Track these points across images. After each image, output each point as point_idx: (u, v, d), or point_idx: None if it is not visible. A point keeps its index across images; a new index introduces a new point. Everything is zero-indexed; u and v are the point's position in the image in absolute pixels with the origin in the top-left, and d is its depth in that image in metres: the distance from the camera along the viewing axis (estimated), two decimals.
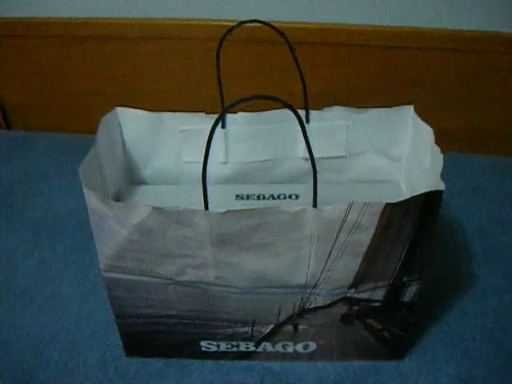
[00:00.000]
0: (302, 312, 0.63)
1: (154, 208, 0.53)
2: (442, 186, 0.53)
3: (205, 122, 0.67)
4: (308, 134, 0.66)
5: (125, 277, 0.60)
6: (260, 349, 0.68)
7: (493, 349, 0.71)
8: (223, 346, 0.68)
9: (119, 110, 0.68)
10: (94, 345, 0.72)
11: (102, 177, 0.63)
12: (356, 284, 0.59)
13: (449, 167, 0.57)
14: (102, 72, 1.13)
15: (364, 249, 0.56)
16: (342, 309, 0.62)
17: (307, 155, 0.69)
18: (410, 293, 0.61)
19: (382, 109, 0.67)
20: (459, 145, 1.08)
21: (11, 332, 0.74)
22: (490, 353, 0.70)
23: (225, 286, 0.59)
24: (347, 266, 0.57)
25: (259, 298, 0.61)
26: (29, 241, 0.89)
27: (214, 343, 0.67)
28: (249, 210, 0.52)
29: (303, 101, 0.66)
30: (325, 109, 0.67)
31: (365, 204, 0.52)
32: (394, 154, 0.70)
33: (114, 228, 0.56)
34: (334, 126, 0.68)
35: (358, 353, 0.68)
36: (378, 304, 0.62)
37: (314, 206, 0.53)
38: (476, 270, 0.83)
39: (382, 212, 0.53)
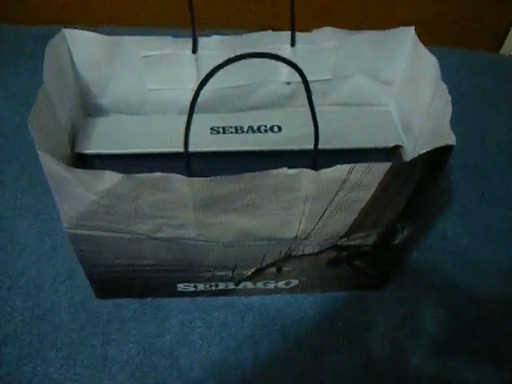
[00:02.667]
0: (288, 258, 0.59)
1: (124, 176, 0.45)
2: (452, 140, 0.47)
3: (171, 46, 0.56)
4: (292, 57, 0.58)
5: (92, 233, 0.54)
6: (240, 286, 0.64)
7: (472, 272, 0.70)
8: (201, 287, 0.64)
9: (67, 32, 0.56)
10: (59, 287, 0.67)
11: (54, 117, 0.53)
12: (348, 234, 0.55)
13: None
14: None
15: (361, 205, 0.51)
16: (331, 254, 0.59)
17: (290, 79, 0.62)
18: (402, 237, 0.58)
19: (377, 31, 0.58)
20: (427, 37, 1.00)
21: None
22: (469, 277, 0.70)
23: (207, 241, 0.54)
24: (342, 221, 0.53)
25: (243, 249, 0.56)
26: None
27: (192, 285, 0.63)
28: (237, 176, 0.45)
29: (290, 20, 0.56)
30: (314, 30, 0.58)
31: (368, 166, 0.46)
32: (385, 77, 0.62)
33: (78, 192, 0.48)
34: (321, 48, 0.59)
35: (340, 286, 0.66)
36: (368, 248, 0.59)
37: (313, 168, 0.46)
38: (454, 185, 0.80)
39: (386, 172, 0.47)
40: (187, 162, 0.46)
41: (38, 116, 0.47)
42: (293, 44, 0.58)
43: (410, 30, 0.57)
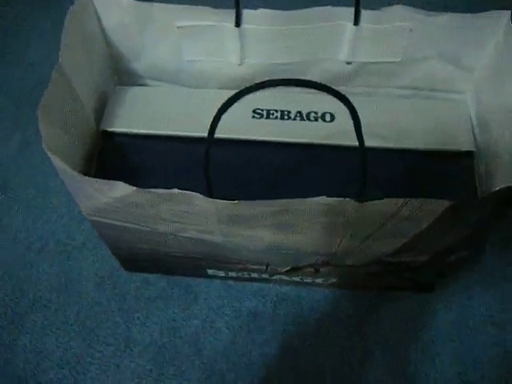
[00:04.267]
0: (327, 264, 0.53)
1: (137, 189, 0.39)
2: None
3: (210, 17, 0.48)
4: (355, 37, 0.49)
5: (112, 222, 0.49)
6: (274, 277, 0.60)
7: None
8: (233, 274, 0.60)
9: None
10: (87, 255, 0.64)
11: (73, 96, 0.47)
12: (396, 253, 0.48)
13: None
14: None
15: (413, 233, 0.43)
16: (375, 268, 0.52)
17: (351, 58, 0.52)
18: (457, 256, 0.51)
19: (463, 14, 0.47)
20: None
21: None
22: None
23: (236, 245, 0.49)
24: (390, 244, 0.46)
25: (276, 254, 0.50)
26: (7, 116, 0.75)
27: (222, 271, 0.59)
28: (268, 201, 0.39)
29: None
30: (383, 8, 0.47)
31: (422, 202, 0.38)
32: (466, 63, 0.52)
33: (91, 193, 0.43)
34: (390, 29, 0.49)
35: (384, 287, 0.60)
36: (418, 264, 0.52)
37: (358, 200, 0.39)
38: None
39: (444, 209, 0.39)
40: (207, 156, 0.40)
41: (49, 104, 0.42)
42: (356, 22, 0.48)
43: (505, 16, 0.46)
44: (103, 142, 0.52)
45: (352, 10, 0.47)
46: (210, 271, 0.59)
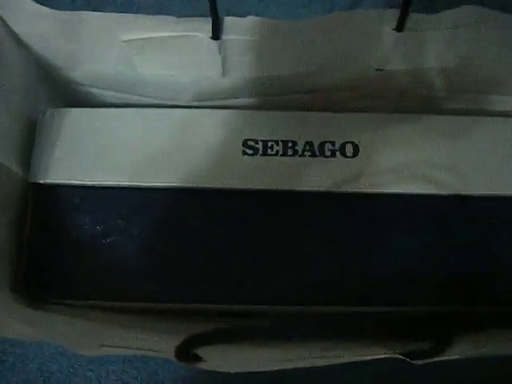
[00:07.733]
0: None
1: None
2: None
3: (171, 28, 0.31)
4: (395, 45, 0.33)
5: None
6: None
7: None
8: None
9: None
10: None
11: None
12: None
13: None
14: None
15: None
16: None
17: (385, 67, 0.36)
18: None
19: None
20: None
21: None
22: None
23: None
24: None
25: None
26: None
27: None
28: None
29: None
30: (445, 12, 0.30)
31: None
32: None
33: None
34: (447, 33, 0.32)
35: None
36: None
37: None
38: None
39: None
40: None
41: None
42: (400, 28, 0.31)
43: None
44: (34, 198, 0.37)
45: (393, 12, 0.30)
46: None
